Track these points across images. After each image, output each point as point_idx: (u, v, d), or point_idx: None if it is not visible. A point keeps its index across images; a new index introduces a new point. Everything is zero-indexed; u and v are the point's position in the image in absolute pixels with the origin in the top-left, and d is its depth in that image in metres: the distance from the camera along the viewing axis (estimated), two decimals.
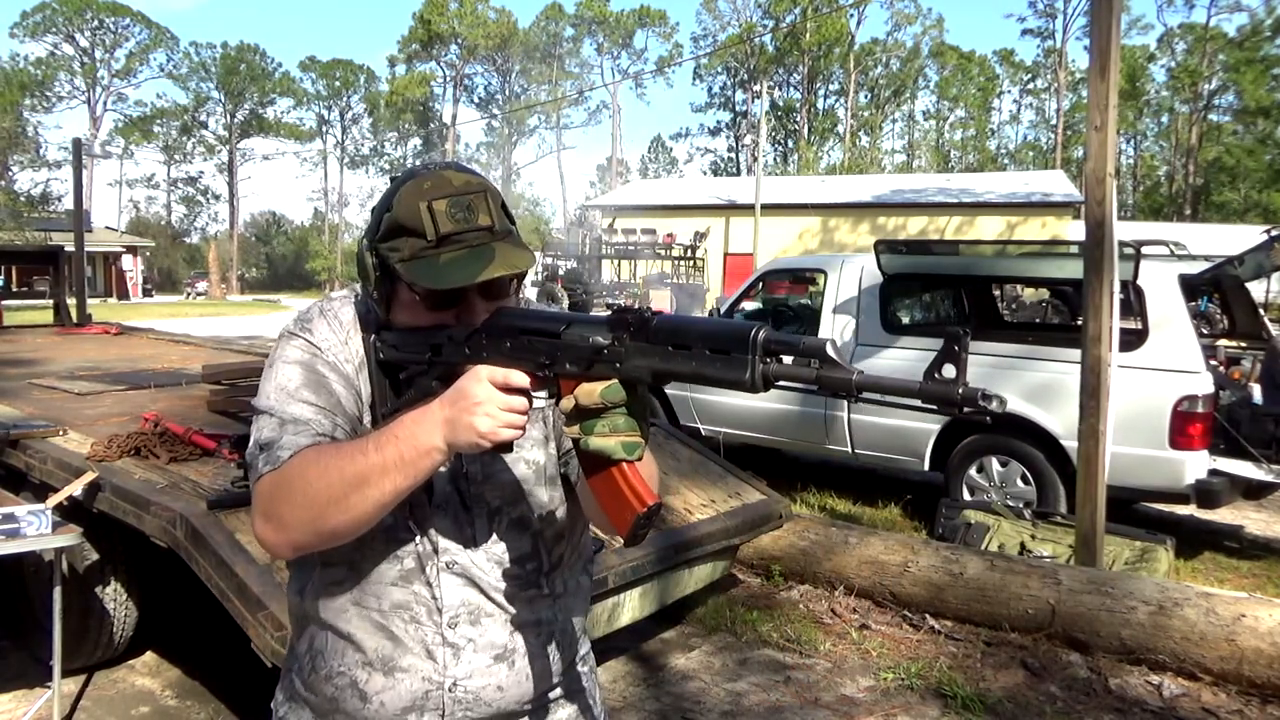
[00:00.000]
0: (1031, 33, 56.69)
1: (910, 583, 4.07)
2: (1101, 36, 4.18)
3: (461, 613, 1.17)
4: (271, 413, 1.14)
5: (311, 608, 1.22)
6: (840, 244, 29.18)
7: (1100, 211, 4.20)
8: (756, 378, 0.89)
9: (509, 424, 1.00)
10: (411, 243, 1.10)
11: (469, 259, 1.09)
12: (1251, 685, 3.29)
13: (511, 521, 1.22)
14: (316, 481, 1.06)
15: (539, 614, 1.23)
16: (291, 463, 1.09)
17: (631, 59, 64.23)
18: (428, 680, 1.16)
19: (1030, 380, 5.19)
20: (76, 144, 10.47)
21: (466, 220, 1.10)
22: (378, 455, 1.03)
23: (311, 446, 1.10)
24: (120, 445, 3.23)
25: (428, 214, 1.09)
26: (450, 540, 1.18)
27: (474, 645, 1.18)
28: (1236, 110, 48.02)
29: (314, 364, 1.17)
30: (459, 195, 1.10)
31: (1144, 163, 56.57)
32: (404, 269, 1.10)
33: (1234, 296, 6.33)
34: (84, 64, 56.40)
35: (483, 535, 1.19)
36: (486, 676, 1.18)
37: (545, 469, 1.26)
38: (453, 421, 1.01)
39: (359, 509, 1.05)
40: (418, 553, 1.17)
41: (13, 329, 7.76)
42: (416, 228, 1.09)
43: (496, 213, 1.13)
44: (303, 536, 1.09)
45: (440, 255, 1.09)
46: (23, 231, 30.05)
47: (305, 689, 1.23)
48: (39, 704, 3.15)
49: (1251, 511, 6.09)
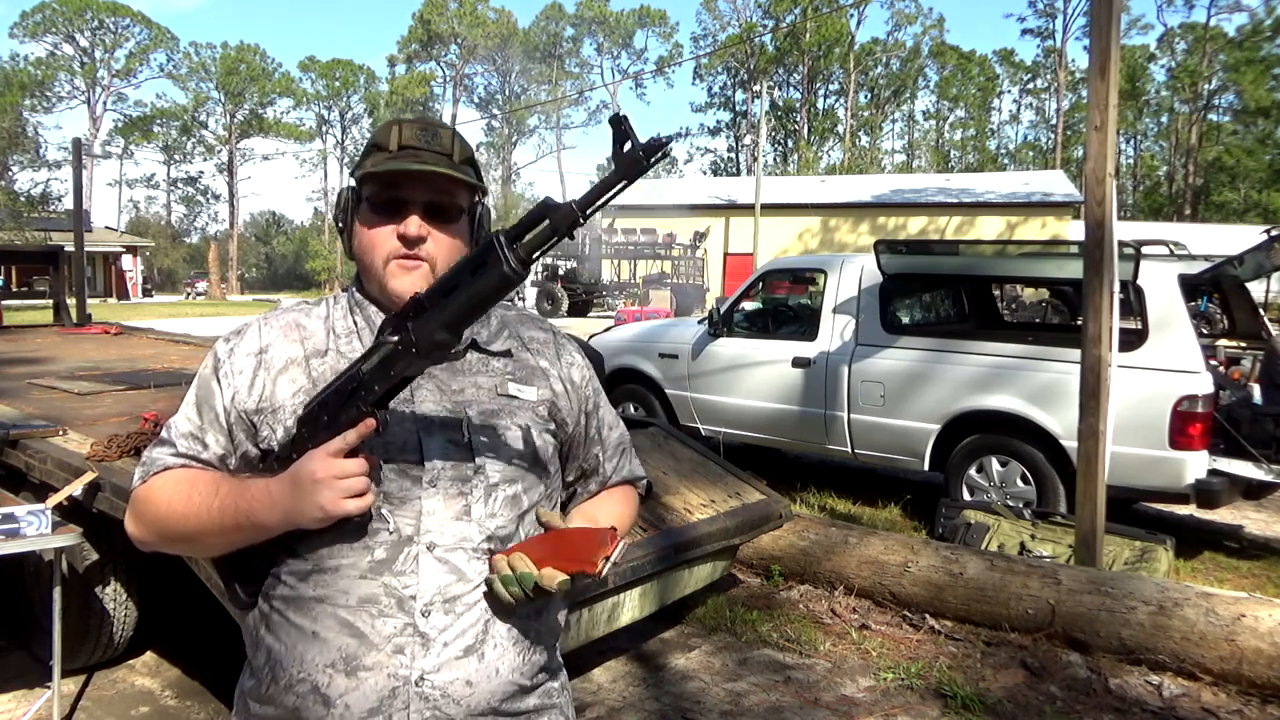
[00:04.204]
0: (1031, 33, 56.80)
1: (910, 583, 4.07)
2: (1101, 36, 4.18)
3: (436, 600, 1.13)
4: (166, 427, 1.25)
5: (272, 610, 1.18)
6: (840, 244, 29.19)
7: (1100, 211, 4.20)
8: (514, 264, 0.98)
9: (349, 492, 1.05)
10: (376, 156, 1.18)
11: (415, 161, 1.15)
12: (1251, 685, 3.28)
13: (507, 498, 1.20)
14: (163, 513, 1.17)
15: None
16: (151, 483, 1.19)
17: (631, 59, 64.29)
18: (393, 677, 1.11)
19: (1030, 380, 5.19)
20: (76, 144, 10.47)
21: (428, 142, 1.18)
22: (216, 515, 1.11)
23: (175, 471, 1.19)
24: (120, 445, 3.23)
25: (395, 130, 1.18)
26: (436, 518, 1.15)
27: (445, 635, 1.13)
28: (1236, 110, 48.05)
29: (210, 379, 1.22)
30: (429, 124, 1.20)
31: (1144, 163, 56.59)
32: (360, 172, 1.19)
33: (1234, 296, 6.33)
34: (84, 64, 56.43)
35: (478, 509, 1.17)
36: (455, 670, 1.13)
37: (543, 450, 1.25)
38: (293, 506, 1.07)
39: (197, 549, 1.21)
40: (391, 541, 1.13)
41: (13, 329, 7.76)
42: (383, 142, 1.18)
43: (460, 148, 1.20)
44: (156, 549, 1.22)
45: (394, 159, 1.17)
46: (23, 231, 30.03)
47: (264, 704, 1.18)
48: (39, 704, 3.16)
49: (1251, 511, 6.09)
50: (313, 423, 1.11)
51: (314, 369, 1.20)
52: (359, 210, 1.22)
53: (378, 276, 1.20)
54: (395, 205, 1.18)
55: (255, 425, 1.19)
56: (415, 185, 1.17)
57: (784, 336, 6.49)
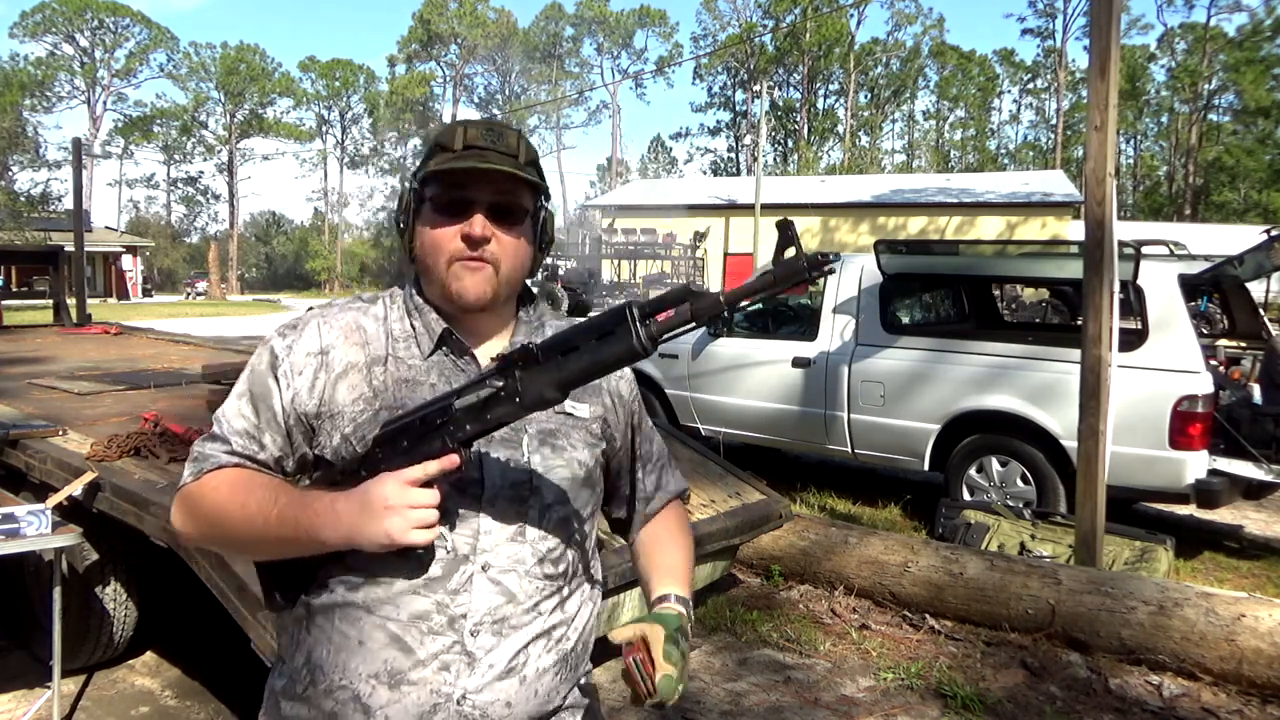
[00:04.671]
0: (1031, 33, 56.78)
1: (910, 583, 4.07)
2: (1101, 36, 4.18)
3: (486, 620, 1.12)
4: (216, 420, 1.21)
5: (317, 614, 1.16)
6: (840, 244, 29.19)
7: (1100, 211, 4.20)
8: (644, 340, 0.97)
9: (419, 524, 1.03)
10: (440, 156, 1.16)
11: (480, 160, 1.13)
12: (1251, 685, 3.28)
13: (559, 519, 1.20)
14: (218, 517, 1.13)
15: (556, 624, 1.20)
16: (205, 480, 1.16)
17: (631, 59, 64.29)
18: (436, 694, 1.10)
19: (1030, 380, 5.19)
20: (76, 144, 10.48)
21: (493, 142, 1.16)
22: (274, 524, 1.08)
23: (229, 470, 1.15)
24: (120, 445, 3.23)
25: (460, 130, 1.16)
26: (493, 538, 1.14)
27: (491, 657, 1.12)
28: (1236, 110, 48.05)
29: (266, 376, 1.18)
30: (494, 125, 1.19)
31: (1144, 163, 56.59)
32: (424, 171, 1.17)
33: (1234, 296, 6.34)
34: (84, 64, 56.42)
35: (532, 530, 1.16)
36: (496, 690, 1.13)
37: (594, 470, 1.25)
38: (357, 528, 1.03)
39: (248, 554, 1.17)
40: (447, 559, 1.12)
41: (13, 329, 7.76)
42: (448, 142, 1.16)
43: (525, 150, 1.18)
44: (200, 544, 1.20)
45: (459, 158, 1.15)
46: (23, 231, 30.05)
47: (298, 704, 1.16)
48: (39, 704, 3.16)
49: (1251, 511, 6.09)
50: (390, 444, 1.08)
51: (375, 377, 1.17)
52: (421, 211, 1.19)
53: (439, 278, 1.17)
54: (459, 205, 1.15)
55: (314, 429, 1.17)
56: (480, 185, 1.15)
57: (784, 336, 6.49)
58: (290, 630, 1.20)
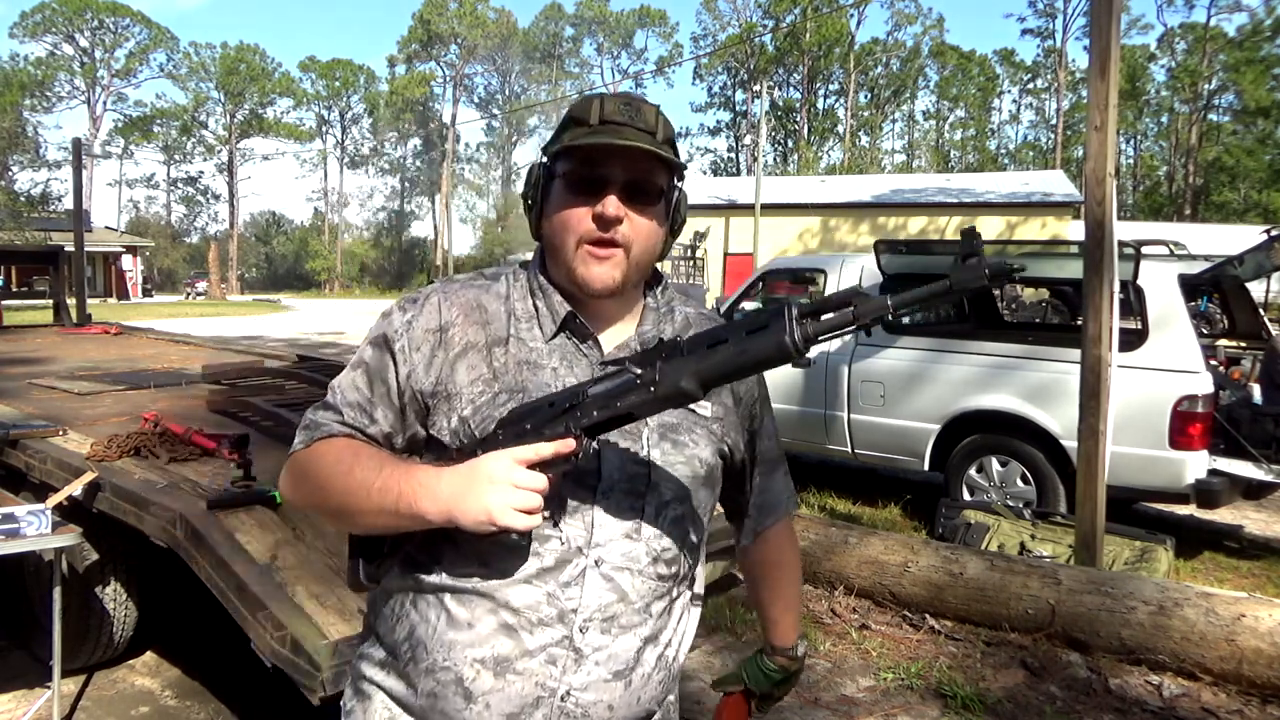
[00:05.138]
0: (1031, 33, 56.82)
1: (910, 583, 4.07)
2: (1101, 36, 4.18)
3: (596, 617, 1.08)
4: (331, 389, 1.17)
5: (427, 592, 1.11)
6: (840, 244, 29.18)
7: (1100, 211, 4.20)
8: (798, 339, 0.92)
9: (522, 506, 0.96)
10: (575, 130, 1.10)
11: (617, 136, 1.08)
12: (1251, 685, 3.28)
13: (675, 518, 1.14)
14: (323, 484, 1.09)
15: (662, 629, 1.16)
16: (315, 448, 1.12)
17: (631, 59, 64.31)
18: (541, 686, 1.07)
19: (1030, 380, 5.19)
20: (76, 144, 10.47)
21: (631, 117, 1.09)
22: (376, 495, 1.03)
23: (339, 440, 1.12)
24: (120, 445, 3.23)
25: (597, 104, 1.10)
26: (607, 532, 1.09)
27: (598, 656, 1.08)
28: (1236, 110, 48.04)
29: (383, 351, 1.15)
30: (632, 100, 1.12)
31: (1144, 163, 56.59)
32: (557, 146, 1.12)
33: (1234, 296, 6.34)
34: (84, 64, 56.47)
35: (648, 528, 1.11)
36: (601, 692, 1.09)
37: (712, 471, 1.20)
38: (457, 502, 0.98)
39: (350, 525, 1.10)
40: (560, 550, 1.07)
41: (13, 329, 7.76)
42: (583, 116, 1.10)
43: (663, 126, 1.12)
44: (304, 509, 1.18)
45: (594, 133, 1.09)
46: (23, 231, 30.04)
47: (394, 678, 1.13)
48: (39, 704, 3.16)
49: (1251, 511, 6.09)
50: (513, 426, 1.04)
51: (495, 358, 1.12)
52: (550, 188, 1.14)
53: (566, 260, 1.12)
54: (593, 183, 1.09)
55: (429, 408, 1.13)
56: (615, 163, 1.09)
57: None
58: (392, 604, 1.15)
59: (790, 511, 1.41)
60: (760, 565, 1.42)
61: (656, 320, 1.20)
